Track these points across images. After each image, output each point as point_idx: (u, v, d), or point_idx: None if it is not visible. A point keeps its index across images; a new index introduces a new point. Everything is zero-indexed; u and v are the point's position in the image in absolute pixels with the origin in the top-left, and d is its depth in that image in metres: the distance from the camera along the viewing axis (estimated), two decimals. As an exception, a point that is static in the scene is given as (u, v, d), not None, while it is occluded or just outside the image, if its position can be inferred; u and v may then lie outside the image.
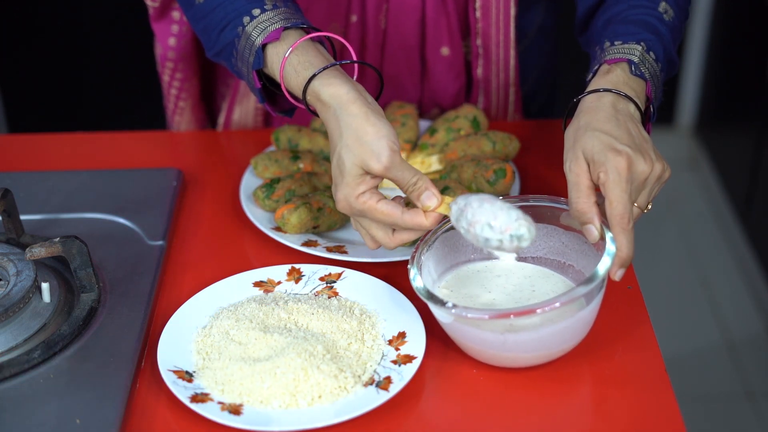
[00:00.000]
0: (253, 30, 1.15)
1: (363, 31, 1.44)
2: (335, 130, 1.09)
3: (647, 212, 1.13)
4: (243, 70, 1.19)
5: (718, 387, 2.37)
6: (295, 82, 1.12)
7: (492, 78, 1.48)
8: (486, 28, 1.43)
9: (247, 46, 1.16)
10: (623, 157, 1.05)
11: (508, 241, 1.02)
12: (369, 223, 1.10)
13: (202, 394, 1.03)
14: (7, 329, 1.10)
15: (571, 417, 1.05)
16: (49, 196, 1.35)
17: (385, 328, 1.12)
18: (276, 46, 1.14)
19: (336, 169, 1.09)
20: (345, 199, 1.08)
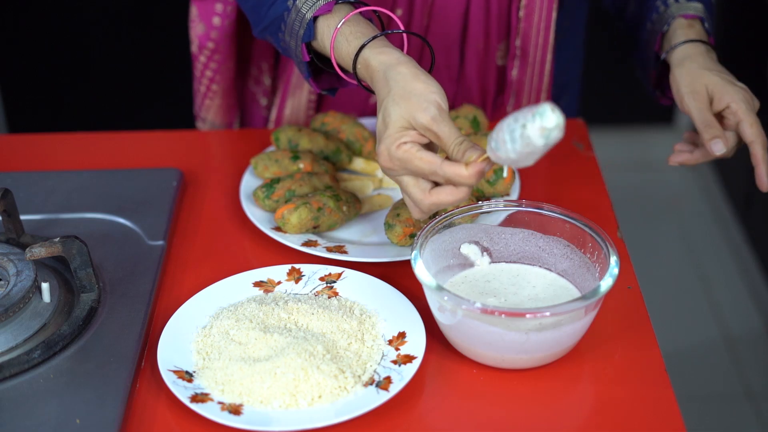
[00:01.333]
0: (303, 4, 1.16)
1: (406, 26, 1.44)
2: (383, 87, 1.08)
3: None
4: (291, 44, 1.19)
5: (717, 386, 2.37)
6: (346, 51, 1.12)
7: (526, 81, 1.49)
8: (527, 29, 1.44)
9: (297, 19, 1.16)
10: (746, 90, 1.25)
11: (531, 121, 0.97)
12: (407, 180, 1.08)
13: (202, 394, 1.03)
14: (7, 329, 1.10)
15: (571, 416, 1.05)
16: (49, 196, 1.35)
17: (385, 328, 1.12)
18: (327, 19, 1.14)
19: (381, 123, 1.07)
20: (386, 149, 1.06)
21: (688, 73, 1.26)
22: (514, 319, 1.03)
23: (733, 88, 1.24)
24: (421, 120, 1.05)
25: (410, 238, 1.22)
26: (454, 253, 1.16)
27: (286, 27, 1.18)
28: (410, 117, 1.05)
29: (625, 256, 1.23)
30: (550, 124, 0.97)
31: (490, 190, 1.29)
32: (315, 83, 1.21)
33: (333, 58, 1.15)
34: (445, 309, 1.07)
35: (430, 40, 1.45)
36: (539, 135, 0.97)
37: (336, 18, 1.14)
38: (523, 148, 0.98)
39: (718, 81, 1.24)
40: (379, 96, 1.09)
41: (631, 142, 3.17)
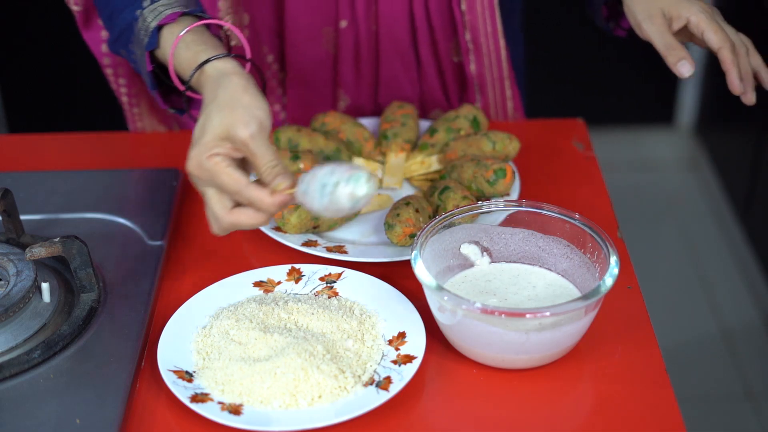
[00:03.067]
0: (150, 12, 1.16)
1: (355, 35, 1.45)
2: (211, 92, 1.07)
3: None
4: (137, 53, 1.19)
5: (717, 386, 2.37)
6: (185, 57, 1.13)
7: (486, 73, 1.48)
8: (473, 21, 1.43)
9: (143, 28, 1.17)
10: (702, 2, 1.24)
11: (345, 183, 0.99)
12: (211, 192, 1.06)
13: (202, 394, 1.03)
14: (7, 329, 1.10)
15: (571, 416, 1.05)
16: (49, 196, 1.35)
17: (385, 328, 1.12)
18: (171, 27, 1.15)
19: (199, 128, 1.06)
20: (197, 156, 1.04)
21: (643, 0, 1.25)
22: (514, 319, 1.03)
23: (688, 2, 1.23)
24: (240, 134, 1.03)
25: (410, 238, 1.22)
26: (454, 253, 1.16)
27: (134, 37, 1.19)
28: (230, 128, 1.04)
29: (625, 256, 1.23)
30: (361, 192, 1.00)
31: (490, 190, 1.29)
32: (162, 98, 1.21)
33: (171, 65, 1.14)
34: (445, 309, 1.07)
35: (383, 48, 1.46)
36: (347, 199, 1.00)
37: (179, 27, 1.15)
38: (330, 205, 1.02)
39: (673, 0, 1.23)
40: (205, 100, 1.08)
41: (631, 142, 3.17)
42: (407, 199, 1.26)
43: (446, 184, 1.28)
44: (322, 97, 1.51)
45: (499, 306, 1.09)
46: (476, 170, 1.29)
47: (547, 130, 1.50)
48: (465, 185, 1.30)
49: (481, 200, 1.27)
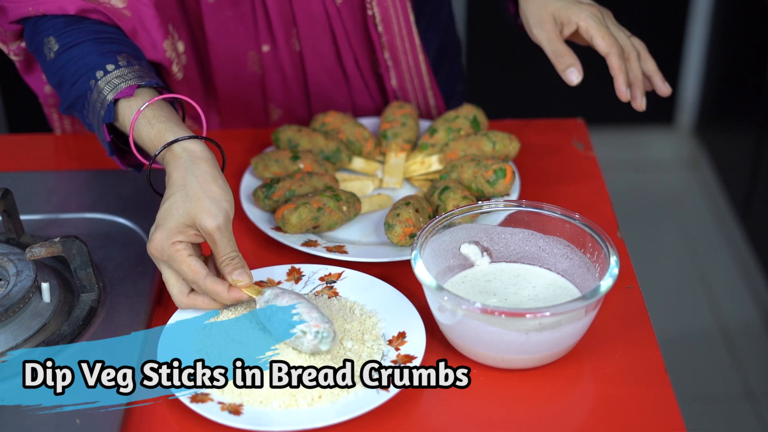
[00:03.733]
0: (105, 85, 1.17)
1: (280, 58, 1.45)
2: (180, 178, 1.10)
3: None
4: (93, 122, 1.20)
5: (717, 386, 2.37)
6: (147, 134, 1.14)
7: (407, 87, 1.50)
8: (391, 40, 1.44)
9: (98, 100, 1.17)
10: (593, 5, 1.25)
11: (313, 335, 1.04)
12: (171, 273, 1.10)
13: (202, 394, 1.03)
14: (7, 329, 1.10)
15: (571, 416, 1.05)
16: (49, 196, 1.35)
17: (385, 328, 1.12)
18: (129, 101, 1.16)
19: (164, 211, 1.09)
20: (160, 241, 1.08)
21: (533, 4, 1.26)
22: (514, 319, 1.03)
23: (578, 7, 1.24)
24: (207, 225, 1.07)
25: (410, 238, 1.22)
26: (454, 253, 1.16)
27: (89, 106, 1.19)
28: (197, 217, 1.07)
29: (625, 256, 1.23)
30: (324, 348, 1.05)
31: (490, 190, 1.29)
32: (120, 160, 1.23)
33: (131, 138, 1.15)
34: (445, 309, 1.07)
35: (309, 66, 1.46)
36: (310, 347, 1.05)
37: (138, 101, 1.16)
38: (289, 342, 1.06)
39: (563, 5, 1.24)
40: (173, 183, 1.10)
41: (631, 142, 3.17)
42: (407, 199, 1.26)
43: (446, 184, 1.28)
44: (254, 110, 1.52)
45: (499, 306, 1.09)
46: (476, 170, 1.29)
47: (547, 130, 1.50)
48: (465, 185, 1.30)
49: (481, 200, 1.27)
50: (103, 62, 1.19)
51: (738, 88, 2.86)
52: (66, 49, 1.22)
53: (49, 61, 1.23)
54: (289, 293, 1.08)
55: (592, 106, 3.10)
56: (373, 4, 1.40)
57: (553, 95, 3.05)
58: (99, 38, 1.22)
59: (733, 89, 2.90)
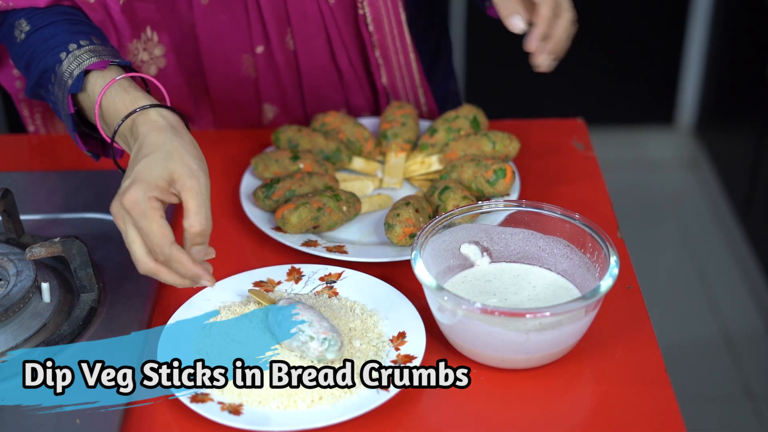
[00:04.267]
0: (76, 58, 1.15)
1: (274, 58, 1.45)
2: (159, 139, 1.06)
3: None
4: (59, 95, 1.16)
5: (717, 386, 2.37)
6: (122, 98, 1.10)
7: (398, 85, 1.50)
8: (381, 40, 1.44)
9: (68, 71, 1.14)
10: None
11: (319, 342, 1.04)
12: (136, 233, 1.04)
13: (202, 394, 1.03)
14: (7, 329, 1.10)
15: (571, 416, 1.05)
16: (49, 196, 1.35)
17: (385, 328, 1.12)
18: (102, 73, 1.13)
19: (143, 166, 1.04)
20: (137, 193, 1.02)
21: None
22: (514, 319, 1.03)
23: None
24: (189, 184, 1.04)
25: (410, 238, 1.22)
26: (454, 253, 1.16)
27: (56, 78, 1.16)
28: (177, 175, 1.04)
29: (625, 256, 1.23)
30: (330, 356, 1.05)
31: (490, 190, 1.29)
32: (82, 142, 1.19)
33: (98, 105, 1.12)
34: (445, 309, 1.07)
35: (303, 65, 1.46)
36: (315, 355, 1.05)
37: (111, 73, 1.13)
38: (295, 348, 1.06)
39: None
40: (151, 143, 1.06)
41: (631, 142, 3.17)
42: (407, 199, 1.26)
43: (446, 184, 1.28)
44: (249, 111, 1.51)
45: (499, 306, 1.09)
46: (476, 170, 1.29)
47: (547, 130, 1.50)
48: (465, 185, 1.30)
49: (481, 200, 1.27)
50: (76, 38, 1.17)
51: (738, 88, 2.86)
52: (37, 29, 1.20)
53: (19, 43, 1.21)
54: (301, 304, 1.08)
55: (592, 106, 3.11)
56: (365, 3, 1.40)
57: (553, 95, 3.06)
58: (71, 19, 1.21)
59: (733, 89, 2.90)
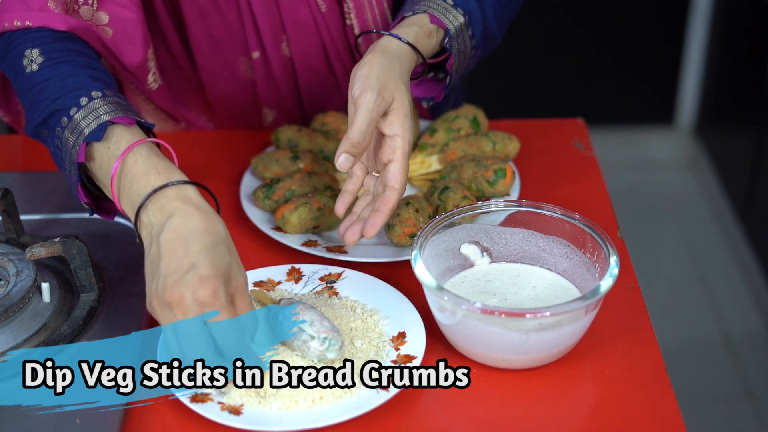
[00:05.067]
0: (101, 107, 1.08)
1: (270, 64, 1.44)
2: (213, 218, 1.02)
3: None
4: (68, 140, 1.09)
5: (717, 386, 2.37)
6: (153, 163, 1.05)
7: None
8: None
9: (89, 117, 1.08)
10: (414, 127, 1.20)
11: (320, 341, 1.04)
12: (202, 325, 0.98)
13: (202, 394, 1.03)
14: (7, 329, 1.10)
15: (571, 416, 1.05)
16: (49, 196, 1.35)
17: (385, 327, 1.12)
18: (129, 129, 1.08)
19: (209, 250, 0.99)
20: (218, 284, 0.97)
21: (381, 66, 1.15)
22: (514, 319, 1.03)
23: (409, 120, 1.15)
24: (242, 283, 1.00)
25: (410, 238, 1.22)
26: (454, 253, 1.16)
27: (69, 122, 1.09)
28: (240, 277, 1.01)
29: (625, 256, 1.23)
30: (330, 356, 1.05)
31: (490, 190, 1.29)
32: (90, 200, 1.13)
33: (119, 161, 1.05)
34: (445, 309, 1.07)
35: (299, 70, 1.44)
36: (316, 354, 1.05)
37: (136, 132, 1.08)
38: (296, 348, 1.06)
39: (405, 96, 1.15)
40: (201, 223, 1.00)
41: (631, 142, 3.17)
42: (407, 199, 1.26)
43: (446, 184, 1.28)
44: (248, 113, 1.51)
45: (499, 306, 1.09)
46: (476, 170, 1.29)
47: (547, 130, 1.50)
48: (465, 185, 1.30)
49: (481, 200, 1.27)
50: (99, 86, 1.11)
51: (738, 88, 2.86)
52: (53, 63, 1.13)
53: (29, 74, 1.14)
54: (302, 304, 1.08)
55: (592, 106, 3.11)
56: (352, 15, 1.39)
57: (553, 95, 3.06)
58: (90, 64, 1.15)
59: (733, 89, 2.90)
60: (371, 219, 1.16)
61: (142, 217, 1.04)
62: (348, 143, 1.14)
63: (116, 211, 1.16)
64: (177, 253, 0.99)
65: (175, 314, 0.98)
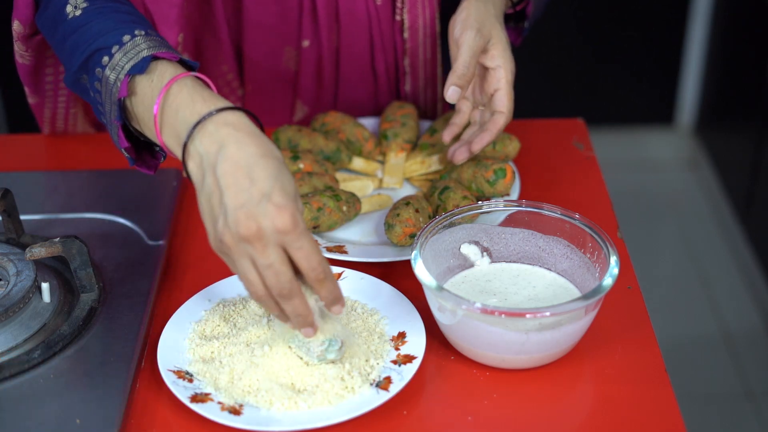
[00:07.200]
0: (148, 40, 1.06)
1: (318, 53, 1.45)
2: (268, 143, 0.97)
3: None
4: (110, 77, 1.06)
5: (717, 386, 2.37)
6: (199, 93, 1.01)
7: (420, 93, 1.50)
8: (413, 48, 1.44)
9: (132, 52, 1.05)
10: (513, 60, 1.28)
11: (319, 342, 1.03)
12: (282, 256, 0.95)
13: (202, 394, 1.03)
14: (7, 329, 1.10)
15: (571, 416, 1.05)
16: (49, 196, 1.35)
17: (386, 327, 1.12)
18: (172, 63, 1.05)
19: (276, 172, 0.95)
20: (294, 209, 0.94)
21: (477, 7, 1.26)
22: (514, 319, 1.03)
23: (509, 53, 1.26)
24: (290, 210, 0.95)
25: (410, 238, 1.22)
26: (454, 253, 1.16)
27: (111, 60, 1.06)
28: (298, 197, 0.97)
29: (625, 256, 1.23)
30: (330, 356, 1.04)
31: (490, 190, 1.29)
32: (124, 136, 1.09)
33: (164, 90, 1.02)
34: (445, 309, 1.07)
35: (343, 63, 1.46)
36: (316, 354, 1.04)
37: (179, 67, 1.05)
38: (296, 349, 1.05)
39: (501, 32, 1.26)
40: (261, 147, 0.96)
41: (631, 142, 3.17)
42: (407, 199, 1.26)
43: (446, 184, 1.28)
44: (281, 108, 1.51)
45: (499, 306, 1.09)
46: (476, 170, 1.29)
47: (547, 130, 1.50)
48: (465, 185, 1.30)
49: (481, 200, 1.27)
50: (142, 27, 1.08)
51: (738, 88, 2.86)
52: (97, 7, 1.12)
53: (72, 18, 1.11)
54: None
55: (592, 106, 3.11)
56: (404, 10, 1.41)
57: (553, 95, 3.06)
58: (131, 11, 1.14)
59: (732, 89, 2.90)
60: (479, 136, 1.27)
61: (189, 148, 0.99)
62: (455, 76, 1.24)
63: (156, 165, 1.13)
64: (242, 183, 0.94)
65: (255, 247, 0.94)
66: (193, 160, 0.99)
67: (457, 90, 1.24)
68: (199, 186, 0.98)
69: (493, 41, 1.25)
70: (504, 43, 1.26)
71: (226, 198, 0.94)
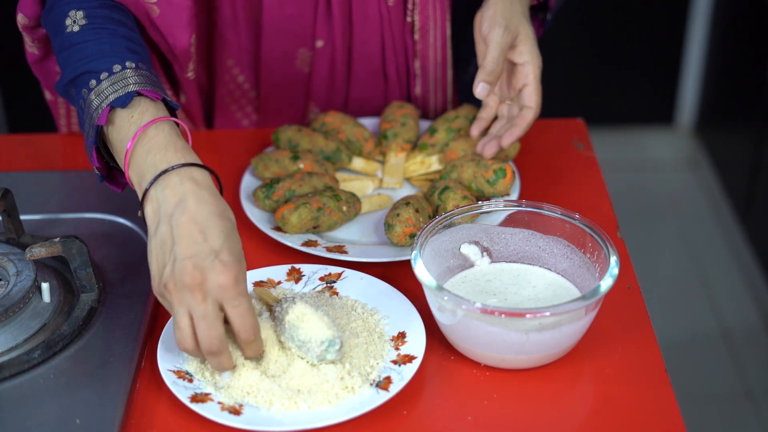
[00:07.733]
0: (136, 75, 1.10)
1: (331, 54, 1.45)
2: (222, 202, 1.03)
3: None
4: (93, 102, 1.10)
5: (717, 386, 2.37)
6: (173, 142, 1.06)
7: (430, 96, 1.50)
8: (424, 50, 1.44)
9: (117, 84, 1.09)
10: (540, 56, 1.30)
11: (318, 343, 1.03)
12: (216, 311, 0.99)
13: (202, 394, 1.03)
14: (7, 329, 1.10)
15: (571, 416, 1.05)
16: (49, 196, 1.35)
17: (386, 327, 1.12)
18: (154, 103, 1.09)
19: (229, 235, 1.00)
20: (240, 271, 0.99)
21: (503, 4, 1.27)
22: (514, 319, 1.03)
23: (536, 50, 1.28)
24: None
25: (410, 238, 1.22)
26: (454, 253, 1.16)
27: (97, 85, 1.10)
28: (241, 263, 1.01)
29: (625, 256, 1.23)
30: (329, 357, 1.04)
31: (490, 190, 1.29)
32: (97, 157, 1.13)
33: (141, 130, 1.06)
34: (445, 309, 1.07)
35: (355, 65, 1.46)
36: (315, 356, 1.04)
37: (161, 108, 1.09)
38: (295, 349, 1.05)
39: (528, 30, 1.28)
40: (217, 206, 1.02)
41: (631, 142, 3.17)
42: (407, 199, 1.26)
43: (446, 184, 1.28)
44: (293, 110, 1.51)
45: (499, 306, 1.09)
46: (476, 170, 1.29)
47: (547, 130, 1.50)
48: (465, 185, 1.30)
49: (481, 200, 1.27)
50: (134, 57, 1.13)
51: (738, 88, 2.86)
52: (95, 27, 1.15)
53: (69, 33, 1.15)
54: (303, 302, 1.08)
55: (592, 106, 3.11)
56: (415, 11, 1.41)
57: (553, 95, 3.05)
58: (129, 36, 1.17)
59: (733, 89, 2.90)
60: (509, 131, 1.29)
61: (151, 193, 1.04)
62: (483, 72, 1.26)
63: (125, 184, 1.17)
64: (195, 236, 0.99)
65: (195, 297, 0.98)
66: (152, 205, 1.04)
67: (486, 86, 1.26)
68: (152, 230, 1.03)
69: (521, 37, 1.27)
70: (531, 39, 1.28)
71: (177, 247, 0.99)
